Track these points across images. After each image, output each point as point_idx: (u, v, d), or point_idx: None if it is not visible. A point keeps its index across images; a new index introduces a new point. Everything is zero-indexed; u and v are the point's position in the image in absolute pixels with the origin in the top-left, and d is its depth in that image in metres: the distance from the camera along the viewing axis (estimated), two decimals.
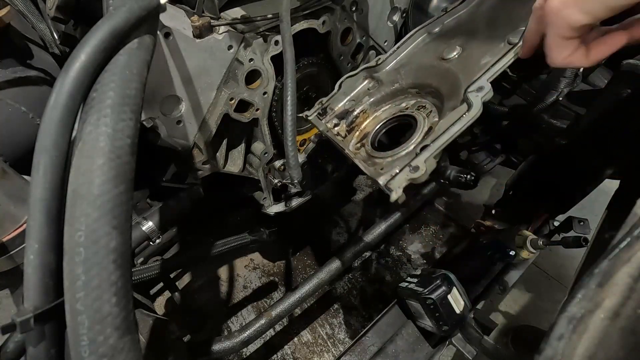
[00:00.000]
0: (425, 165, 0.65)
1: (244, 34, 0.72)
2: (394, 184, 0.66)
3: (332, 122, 0.91)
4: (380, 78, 0.90)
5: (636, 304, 0.29)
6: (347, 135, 0.90)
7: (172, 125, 0.73)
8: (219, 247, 1.00)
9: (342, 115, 0.92)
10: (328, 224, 1.55)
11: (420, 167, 0.65)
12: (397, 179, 0.66)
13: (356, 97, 0.92)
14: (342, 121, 0.91)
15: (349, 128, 0.91)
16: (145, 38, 0.43)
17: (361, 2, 0.90)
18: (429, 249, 1.47)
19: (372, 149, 0.85)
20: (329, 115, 0.92)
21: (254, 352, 1.20)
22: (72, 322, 0.34)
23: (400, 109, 0.88)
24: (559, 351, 0.31)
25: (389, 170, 0.71)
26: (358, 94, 0.93)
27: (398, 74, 0.88)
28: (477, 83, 0.69)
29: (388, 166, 0.76)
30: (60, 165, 0.37)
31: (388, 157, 0.80)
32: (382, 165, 0.79)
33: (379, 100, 0.90)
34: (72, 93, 0.37)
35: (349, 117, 0.92)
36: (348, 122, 0.91)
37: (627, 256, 0.31)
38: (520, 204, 1.24)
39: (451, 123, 0.67)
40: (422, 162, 0.65)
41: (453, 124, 0.67)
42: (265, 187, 1.01)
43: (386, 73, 0.90)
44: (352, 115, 0.92)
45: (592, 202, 1.14)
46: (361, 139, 0.90)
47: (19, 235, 0.57)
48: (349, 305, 1.31)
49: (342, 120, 0.91)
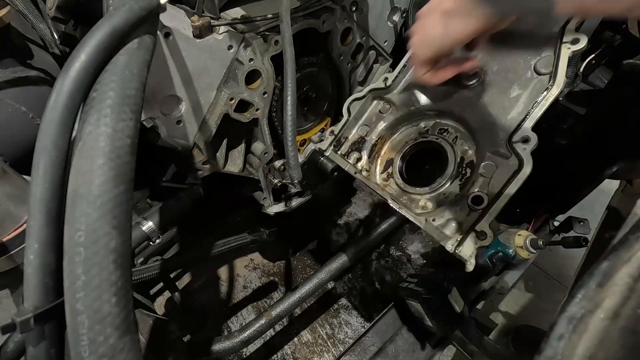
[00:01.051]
0: (490, 230, 0.66)
1: (244, 34, 0.72)
2: (464, 251, 0.67)
3: (353, 157, 0.89)
4: (392, 100, 0.87)
5: (636, 304, 0.29)
6: (370, 167, 0.89)
7: (172, 125, 0.73)
8: (219, 247, 1.00)
9: (359, 145, 0.90)
10: (328, 224, 1.55)
11: (487, 234, 0.67)
12: (466, 247, 0.68)
13: (368, 122, 0.90)
14: (362, 153, 0.89)
15: (370, 159, 0.89)
16: (145, 38, 0.43)
17: (361, 2, 0.90)
18: (429, 249, 1.47)
19: (404, 183, 0.83)
20: (345, 146, 0.90)
21: (254, 352, 1.20)
22: (72, 322, 0.34)
23: (419, 130, 0.85)
24: (559, 351, 0.31)
25: (443, 224, 0.72)
26: (370, 117, 0.90)
27: (412, 96, 0.84)
28: (522, 132, 0.68)
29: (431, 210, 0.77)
30: (60, 165, 0.37)
31: (426, 193, 0.80)
32: (422, 206, 0.80)
33: (395, 124, 0.87)
34: (72, 93, 0.37)
35: (367, 146, 0.89)
36: (368, 153, 0.89)
37: (627, 256, 0.31)
38: (520, 204, 1.24)
39: (504, 183, 0.68)
40: (488, 228, 0.67)
41: (507, 184, 0.67)
42: (265, 187, 1.01)
43: (398, 95, 0.86)
44: (369, 143, 0.89)
45: (592, 202, 1.14)
46: (385, 167, 0.88)
47: (19, 235, 0.57)
48: (349, 305, 1.31)
49: (363, 152, 0.89)
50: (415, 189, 0.81)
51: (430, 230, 0.73)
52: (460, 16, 0.49)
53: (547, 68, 0.68)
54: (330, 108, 1.06)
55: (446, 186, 0.78)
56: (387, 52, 1.05)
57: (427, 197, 0.80)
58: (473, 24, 0.48)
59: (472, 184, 0.73)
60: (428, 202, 0.79)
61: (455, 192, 0.77)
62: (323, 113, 1.05)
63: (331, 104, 1.05)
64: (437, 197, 0.78)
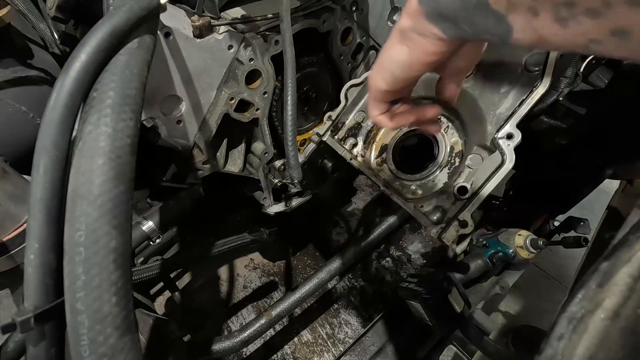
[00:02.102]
0: (472, 219, 0.71)
1: (244, 33, 0.72)
2: (447, 237, 0.73)
3: (349, 143, 0.90)
4: None
5: (636, 304, 0.29)
6: (365, 152, 0.90)
7: (172, 125, 0.73)
8: (219, 247, 0.99)
9: (355, 131, 0.91)
10: (328, 224, 1.55)
11: (469, 222, 0.71)
12: (449, 234, 0.73)
13: (365, 108, 0.91)
14: (358, 139, 0.91)
15: (366, 144, 0.91)
16: (146, 38, 0.43)
17: (361, 2, 0.90)
18: (429, 249, 1.47)
19: (396, 169, 0.87)
20: (342, 131, 0.92)
21: (254, 352, 1.20)
22: (72, 321, 0.34)
23: None
24: (559, 351, 0.31)
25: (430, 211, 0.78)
26: (366, 103, 0.92)
27: None
28: (506, 129, 0.70)
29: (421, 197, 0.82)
30: (61, 165, 0.37)
31: (416, 180, 0.85)
32: (412, 191, 0.84)
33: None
34: (72, 93, 0.37)
35: (363, 132, 0.91)
36: (364, 139, 0.91)
37: (627, 256, 0.31)
38: (521, 204, 1.24)
39: (487, 176, 0.72)
40: (469, 218, 0.71)
41: (490, 177, 0.71)
42: (265, 187, 1.01)
43: None
44: (365, 129, 0.91)
45: (592, 202, 1.14)
46: (379, 152, 0.89)
47: (19, 235, 0.57)
48: (349, 305, 1.31)
49: (359, 138, 0.91)
50: (407, 176, 0.85)
51: (418, 217, 0.78)
52: (415, 37, 0.41)
53: (536, 66, 0.69)
54: (330, 108, 1.06)
55: (436, 174, 0.83)
56: None
57: (418, 183, 0.84)
58: (429, 47, 0.41)
59: (459, 174, 0.78)
60: (418, 188, 0.84)
61: (444, 180, 0.81)
62: (323, 113, 1.05)
63: (331, 104, 1.05)
64: (427, 184, 0.83)
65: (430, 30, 0.39)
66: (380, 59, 0.47)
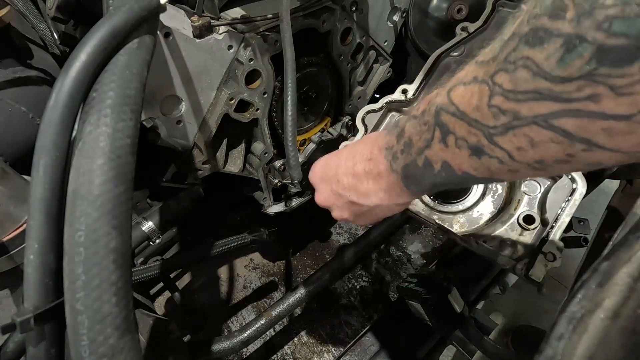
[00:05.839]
0: (558, 251, 0.65)
1: (244, 34, 0.72)
2: (536, 274, 0.65)
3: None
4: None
5: (636, 304, 0.29)
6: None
7: (172, 125, 0.73)
8: (219, 247, 0.99)
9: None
10: (328, 224, 1.55)
11: (556, 255, 0.65)
12: (538, 270, 0.65)
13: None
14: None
15: None
16: (145, 38, 0.43)
17: (361, 2, 0.90)
18: (429, 249, 1.47)
19: (432, 200, 0.78)
20: None
21: (254, 352, 1.20)
22: (72, 322, 0.34)
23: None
24: (559, 351, 0.31)
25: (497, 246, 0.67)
26: (387, 128, 0.83)
27: None
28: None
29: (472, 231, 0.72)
30: (60, 165, 0.37)
31: (457, 212, 0.75)
32: (460, 224, 0.74)
33: None
34: (72, 93, 0.37)
35: None
36: None
37: (627, 256, 0.31)
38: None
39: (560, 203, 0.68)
40: (556, 250, 0.65)
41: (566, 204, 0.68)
42: (265, 187, 1.01)
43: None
44: None
45: (592, 202, 1.14)
46: None
47: (19, 235, 0.57)
48: (349, 305, 1.31)
49: None
50: (446, 207, 0.76)
51: (487, 253, 0.67)
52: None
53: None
54: (330, 108, 1.06)
55: (480, 204, 0.74)
56: (387, 52, 1.05)
57: (461, 216, 0.74)
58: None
59: (517, 202, 0.70)
60: (465, 222, 0.74)
61: (490, 209, 0.73)
62: (323, 113, 1.05)
63: (331, 104, 1.05)
64: (472, 215, 0.74)
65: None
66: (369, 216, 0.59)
